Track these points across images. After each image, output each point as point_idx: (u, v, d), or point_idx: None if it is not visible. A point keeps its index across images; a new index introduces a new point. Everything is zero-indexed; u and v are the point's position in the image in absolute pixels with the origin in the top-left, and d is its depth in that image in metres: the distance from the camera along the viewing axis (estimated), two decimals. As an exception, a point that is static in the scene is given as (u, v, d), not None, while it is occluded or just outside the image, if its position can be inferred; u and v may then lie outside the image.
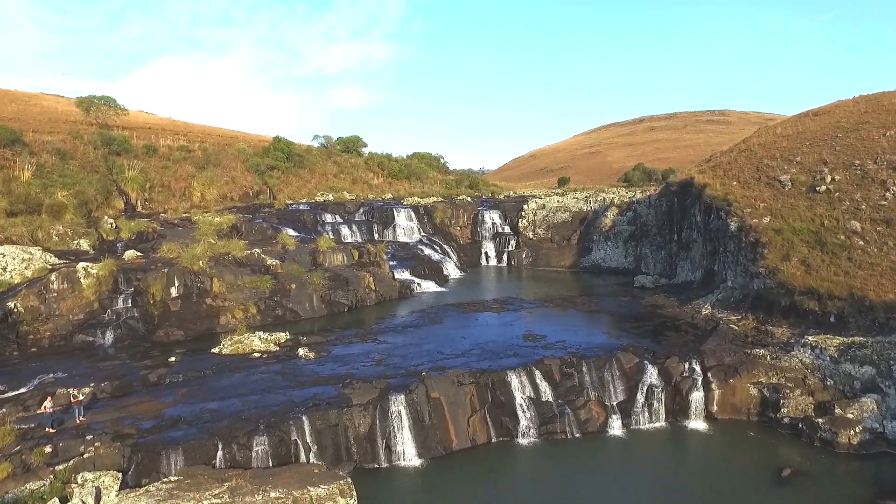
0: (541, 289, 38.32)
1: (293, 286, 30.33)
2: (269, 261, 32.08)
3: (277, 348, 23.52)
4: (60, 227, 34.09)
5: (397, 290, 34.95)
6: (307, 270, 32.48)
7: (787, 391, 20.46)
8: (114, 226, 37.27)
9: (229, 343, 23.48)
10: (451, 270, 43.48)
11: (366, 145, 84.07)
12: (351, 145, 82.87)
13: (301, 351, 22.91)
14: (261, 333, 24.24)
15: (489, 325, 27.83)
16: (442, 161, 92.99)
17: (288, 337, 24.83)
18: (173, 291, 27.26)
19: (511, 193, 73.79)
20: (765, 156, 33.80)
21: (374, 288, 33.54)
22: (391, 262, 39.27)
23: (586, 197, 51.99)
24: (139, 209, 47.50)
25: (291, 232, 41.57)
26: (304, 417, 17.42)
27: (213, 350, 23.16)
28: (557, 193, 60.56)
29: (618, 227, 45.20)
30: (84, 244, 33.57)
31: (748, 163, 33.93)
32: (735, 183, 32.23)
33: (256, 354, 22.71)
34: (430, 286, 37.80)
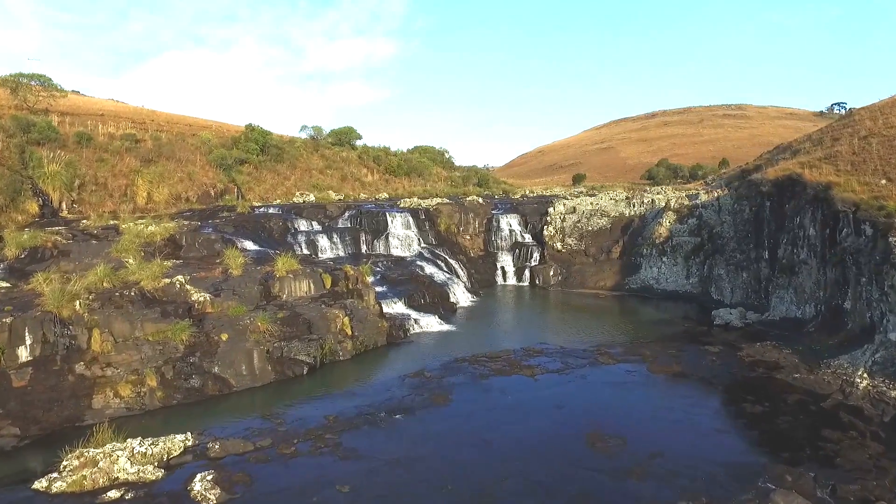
0: (583, 326, 27.97)
1: (224, 336, 20.07)
2: (196, 294, 21.85)
3: (161, 473, 13.25)
4: None
5: (385, 333, 24.64)
6: (252, 308, 22.23)
7: None
8: (-3, 239, 27.09)
9: (74, 465, 13.20)
10: (460, 295, 33.18)
11: (360, 137, 73.87)
12: (343, 137, 72.64)
13: (198, 484, 12.66)
14: (136, 444, 13.91)
15: (524, 407, 17.54)
16: (447, 156, 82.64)
17: (189, 443, 14.57)
18: (22, 354, 17.03)
19: (528, 192, 63.52)
20: (918, 142, 23.38)
21: (350, 332, 23.25)
22: (379, 288, 29.01)
23: (627, 198, 41.58)
24: (63, 213, 37.31)
25: (249, 245, 31.40)
26: None
27: (38, 484, 12.86)
28: (588, 194, 50.16)
29: (676, 237, 34.82)
30: (-65, 268, 23.42)
31: (894, 154, 23.51)
32: (884, 181, 21.83)
33: (114, 493, 12.45)
34: (431, 323, 27.51)
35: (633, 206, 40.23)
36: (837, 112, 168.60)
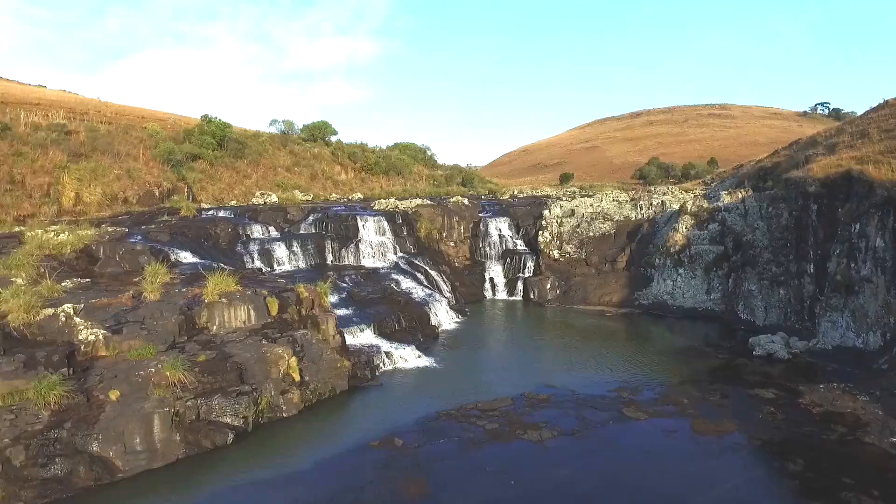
0: (594, 358, 22.75)
1: (114, 395, 14.43)
2: (86, 331, 16.18)
3: None
4: None
5: (346, 374, 19.12)
6: (165, 349, 16.61)
7: None
8: None
9: None
10: (443, 316, 27.81)
11: (335, 132, 68.10)
12: (317, 132, 66.83)
13: None
14: None
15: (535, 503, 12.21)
16: (429, 153, 77.18)
17: None
18: None
19: (517, 193, 58.46)
20: None
21: (298, 378, 17.71)
22: (342, 312, 23.54)
23: (633, 200, 36.61)
24: (-32, 218, 31.19)
25: (187, 257, 25.73)
26: None
27: None
28: (584, 194, 45.16)
29: (695, 245, 29.85)
30: None
31: None
32: None
33: None
34: (406, 355, 22.07)
35: (640, 208, 35.26)
36: (821, 112, 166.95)
